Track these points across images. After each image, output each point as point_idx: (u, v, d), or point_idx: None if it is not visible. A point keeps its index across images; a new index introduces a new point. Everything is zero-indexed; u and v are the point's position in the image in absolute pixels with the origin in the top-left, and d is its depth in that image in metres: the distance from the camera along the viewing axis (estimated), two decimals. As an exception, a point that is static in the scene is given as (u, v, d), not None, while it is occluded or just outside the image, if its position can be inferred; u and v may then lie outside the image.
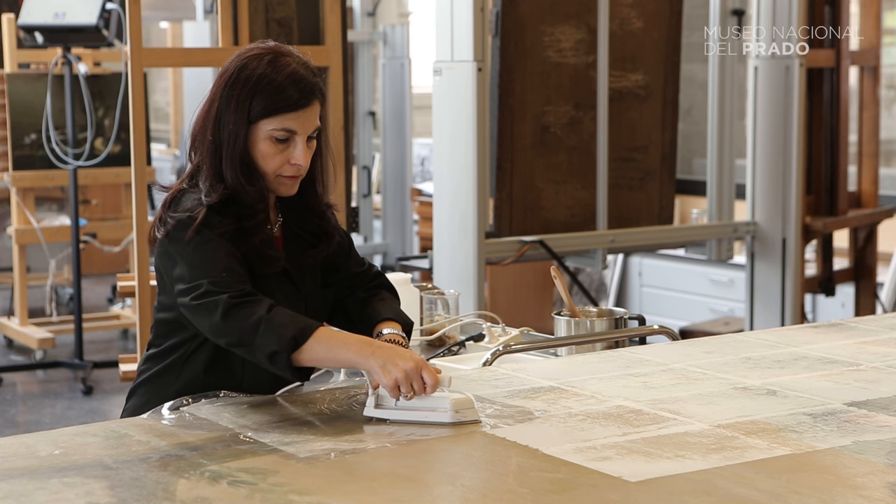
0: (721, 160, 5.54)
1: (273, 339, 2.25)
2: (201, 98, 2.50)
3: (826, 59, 5.76)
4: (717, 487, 1.87)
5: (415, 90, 8.05)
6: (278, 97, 2.39)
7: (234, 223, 2.41)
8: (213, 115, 2.44)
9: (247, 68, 2.41)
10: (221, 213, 2.41)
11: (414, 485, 1.92)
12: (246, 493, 1.85)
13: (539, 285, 7.08)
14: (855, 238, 6.16)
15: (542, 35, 4.97)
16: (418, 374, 2.23)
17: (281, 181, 2.46)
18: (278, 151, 2.42)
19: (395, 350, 2.27)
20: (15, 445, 2.12)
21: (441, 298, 3.33)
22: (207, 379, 2.47)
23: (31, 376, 6.99)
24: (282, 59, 2.42)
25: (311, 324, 2.28)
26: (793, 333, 3.05)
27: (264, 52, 2.43)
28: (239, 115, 2.41)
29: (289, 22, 4.58)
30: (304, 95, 2.41)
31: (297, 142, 2.42)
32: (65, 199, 7.81)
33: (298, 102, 2.40)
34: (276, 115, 2.40)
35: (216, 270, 2.34)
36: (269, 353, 2.26)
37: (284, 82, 2.39)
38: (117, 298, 8.16)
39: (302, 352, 2.26)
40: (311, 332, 2.26)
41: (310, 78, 2.43)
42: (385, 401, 2.26)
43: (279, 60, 2.42)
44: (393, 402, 2.24)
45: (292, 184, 2.47)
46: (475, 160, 4.69)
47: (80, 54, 6.77)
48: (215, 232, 2.38)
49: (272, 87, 2.39)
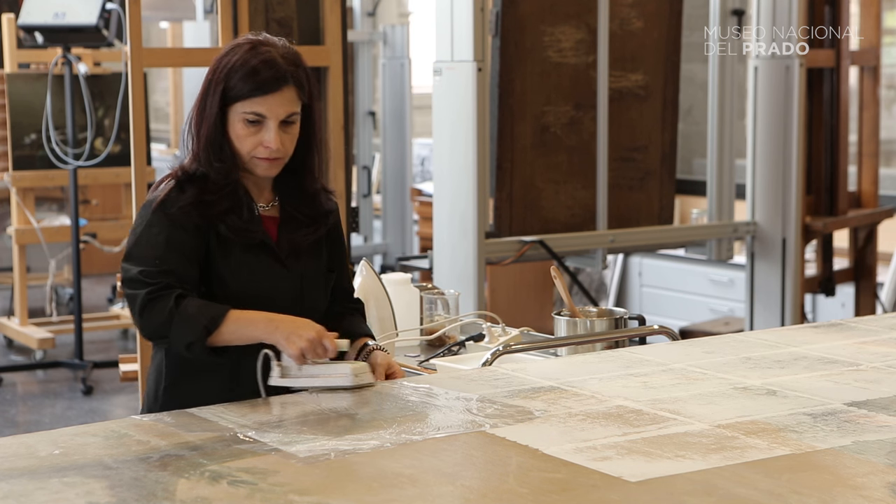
0: (721, 160, 5.54)
1: (187, 331, 2.43)
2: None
3: (826, 59, 5.76)
4: (717, 487, 1.87)
5: (415, 90, 8.05)
6: (248, 81, 2.51)
7: (197, 195, 2.52)
8: (198, 102, 2.57)
9: (227, 55, 2.55)
10: (184, 188, 2.54)
11: (414, 485, 1.92)
12: (246, 493, 1.85)
13: (539, 285, 7.08)
14: (855, 238, 6.16)
15: (542, 35, 4.97)
16: (320, 342, 2.42)
17: (256, 162, 2.56)
18: (251, 133, 2.53)
19: (297, 322, 2.45)
20: (15, 445, 2.12)
21: (441, 298, 3.33)
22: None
23: (31, 376, 6.99)
24: (261, 47, 2.54)
25: (220, 311, 2.45)
26: (793, 333, 3.05)
27: (246, 42, 2.56)
28: (213, 98, 2.53)
29: (289, 22, 4.58)
30: (274, 80, 2.51)
31: (268, 125, 2.52)
32: (65, 199, 7.82)
33: (265, 87, 2.51)
34: (247, 98, 2.51)
35: (149, 256, 2.48)
36: (186, 344, 2.45)
37: (257, 67, 2.51)
38: (117, 298, 8.16)
39: (215, 337, 2.44)
40: (221, 319, 2.44)
41: (283, 65, 2.52)
42: (289, 371, 2.45)
43: (258, 48, 2.53)
44: (296, 371, 2.44)
45: (268, 165, 2.56)
46: (475, 160, 4.69)
47: (80, 54, 6.77)
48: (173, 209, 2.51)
49: (244, 72, 2.51)
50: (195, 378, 2.56)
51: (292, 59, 2.54)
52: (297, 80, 2.54)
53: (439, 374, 2.89)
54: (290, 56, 2.54)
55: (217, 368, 2.52)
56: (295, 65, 2.54)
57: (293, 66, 2.54)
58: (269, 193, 2.64)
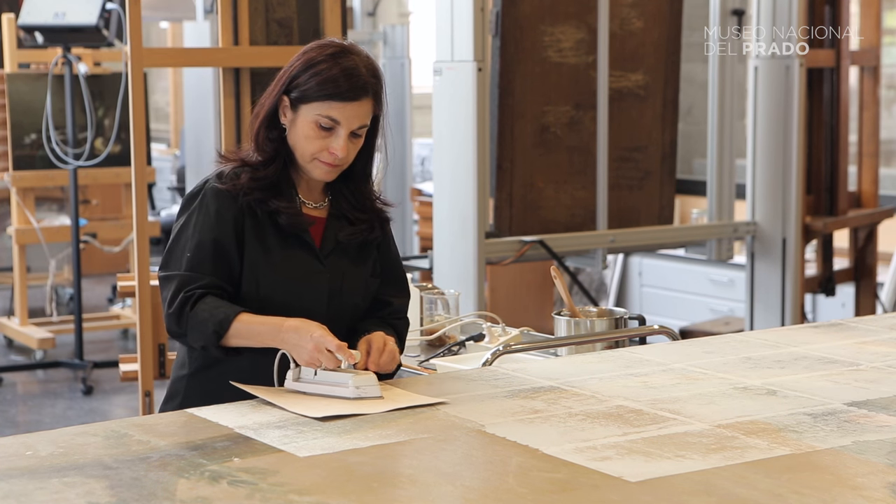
0: (721, 160, 5.54)
1: (199, 335, 2.48)
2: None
3: (826, 59, 5.76)
4: (717, 487, 1.87)
5: (415, 90, 8.05)
6: (330, 84, 2.50)
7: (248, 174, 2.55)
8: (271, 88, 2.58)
9: (310, 52, 2.55)
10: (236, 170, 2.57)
11: (414, 485, 1.92)
12: (246, 493, 1.85)
13: (539, 285, 7.08)
14: (855, 238, 6.16)
15: (542, 35, 4.97)
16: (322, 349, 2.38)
17: (317, 164, 2.56)
18: (320, 137, 2.53)
19: (300, 330, 2.42)
20: (15, 445, 2.12)
21: (441, 298, 3.33)
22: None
23: (31, 376, 6.99)
24: (346, 54, 2.54)
25: (228, 315, 2.46)
26: (793, 333, 3.05)
27: (332, 45, 2.56)
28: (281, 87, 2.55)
29: (289, 22, 4.58)
30: (355, 89, 2.51)
31: (339, 132, 2.52)
32: (65, 199, 7.81)
33: (346, 94, 2.50)
34: (324, 101, 2.50)
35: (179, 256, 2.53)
36: (200, 347, 2.51)
37: (339, 73, 2.51)
38: (117, 298, 8.16)
39: (225, 340, 2.48)
40: (229, 323, 2.46)
41: (365, 75, 2.53)
42: (304, 375, 2.43)
43: (344, 54, 2.54)
44: (311, 377, 2.41)
45: (328, 170, 2.56)
46: (475, 160, 4.69)
47: (80, 54, 6.77)
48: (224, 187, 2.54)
49: (325, 75, 2.51)
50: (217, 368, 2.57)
51: (373, 71, 2.55)
52: (376, 92, 2.55)
53: (439, 374, 2.89)
54: (371, 67, 2.55)
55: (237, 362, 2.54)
56: (375, 77, 2.55)
57: (374, 77, 2.55)
58: (318, 194, 2.64)
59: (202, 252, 2.52)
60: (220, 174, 2.58)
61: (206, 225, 2.53)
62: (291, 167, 2.60)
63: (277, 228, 2.57)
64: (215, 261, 2.53)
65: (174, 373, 2.68)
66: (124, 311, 7.76)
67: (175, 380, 2.67)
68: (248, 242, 2.55)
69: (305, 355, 2.40)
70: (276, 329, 2.44)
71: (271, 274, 2.55)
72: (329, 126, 2.51)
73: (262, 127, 2.58)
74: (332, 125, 2.51)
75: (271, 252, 2.56)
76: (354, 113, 2.51)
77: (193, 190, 2.60)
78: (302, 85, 2.52)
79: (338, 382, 2.38)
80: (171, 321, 2.51)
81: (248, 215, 2.55)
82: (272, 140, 2.57)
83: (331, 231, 2.62)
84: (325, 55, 2.53)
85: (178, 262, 2.53)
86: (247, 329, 2.46)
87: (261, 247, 2.55)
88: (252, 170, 2.57)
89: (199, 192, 2.58)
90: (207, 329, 2.46)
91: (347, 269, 2.62)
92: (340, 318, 2.60)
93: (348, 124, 2.51)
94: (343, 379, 2.39)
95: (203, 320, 2.46)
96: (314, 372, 2.41)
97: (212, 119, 7.06)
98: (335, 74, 2.50)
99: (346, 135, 2.52)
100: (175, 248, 2.56)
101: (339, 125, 2.51)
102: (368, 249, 2.66)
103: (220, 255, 2.53)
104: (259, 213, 2.56)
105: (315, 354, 2.39)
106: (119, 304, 8.06)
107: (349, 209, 2.64)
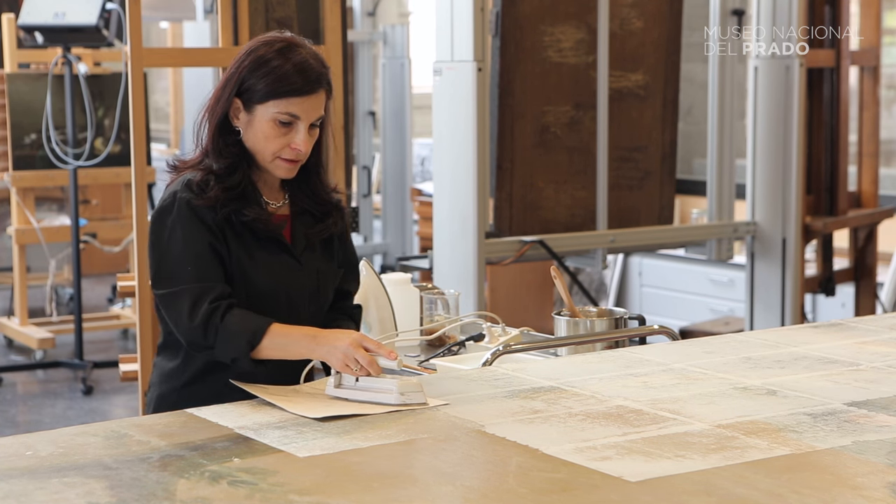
0: (721, 160, 5.54)
1: (230, 348, 2.45)
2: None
3: (826, 59, 5.76)
4: (717, 487, 1.87)
5: (415, 90, 8.05)
6: (285, 81, 2.49)
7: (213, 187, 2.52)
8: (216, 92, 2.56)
9: (257, 51, 2.53)
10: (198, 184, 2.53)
11: (414, 485, 1.92)
12: (246, 493, 1.85)
13: (539, 285, 7.08)
14: (855, 238, 6.16)
15: (542, 35, 4.97)
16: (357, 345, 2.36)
17: (279, 164, 2.55)
18: (280, 134, 2.52)
19: (332, 337, 2.41)
20: (15, 445, 2.12)
21: (441, 298, 3.33)
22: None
23: (31, 376, 6.99)
24: (294, 48, 2.52)
25: (260, 326, 2.44)
26: (793, 333, 3.05)
27: (277, 40, 2.54)
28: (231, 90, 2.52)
29: (289, 22, 4.58)
30: (310, 83, 2.50)
31: (299, 127, 2.52)
32: (65, 199, 7.81)
33: (303, 88, 2.50)
34: (282, 98, 2.49)
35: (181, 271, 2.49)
36: (231, 360, 2.47)
37: (292, 69, 2.49)
38: (117, 298, 8.16)
39: (258, 352, 2.45)
40: (262, 335, 2.44)
41: (317, 67, 2.52)
42: (345, 380, 2.38)
43: (290, 49, 2.52)
44: (352, 382, 2.36)
45: (291, 167, 2.56)
46: (475, 160, 4.69)
47: (80, 54, 6.77)
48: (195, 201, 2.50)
49: (280, 72, 2.49)
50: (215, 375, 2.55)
51: (321, 61, 2.55)
52: (328, 82, 2.55)
53: (439, 374, 2.89)
54: (318, 58, 2.55)
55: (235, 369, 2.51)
56: (325, 66, 2.55)
57: (324, 67, 2.55)
58: (278, 192, 2.63)
59: (203, 261, 2.50)
60: (187, 185, 2.53)
61: (195, 235, 2.50)
62: (250, 170, 2.58)
63: (255, 235, 2.56)
64: (217, 267, 2.52)
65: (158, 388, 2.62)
66: (124, 311, 7.75)
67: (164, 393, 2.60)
68: (232, 250, 2.54)
69: (339, 354, 2.36)
70: (310, 338, 2.43)
71: (259, 279, 2.55)
72: (288, 121, 2.51)
73: (216, 133, 2.55)
74: (291, 120, 2.51)
75: (255, 258, 2.55)
76: (312, 105, 2.51)
77: (164, 204, 2.54)
78: (254, 85, 2.50)
79: (382, 389, 2.32)
80: (196, 334, 2.47)
81: (226, 226, 2.54)
82: (230, 145, 2.55)
83: (298, 229, 2.63)
84: (273, 52, 2.51)
85: (180, 277, 2.49)
86: (281, 341, 2.43)
87: (245, 254, 2.55)
88: (219, 178, 2.53)
89: (171, 205, 2.53)
90: (240, 341, 2.43)
91: (321, 264, 2.64)
92: (318, 314, 2.63)
93: (307, 117, 2.51)
94: (388, 385, 2.33)
95: (235, 333, 2.44)
96: (356, 378, 2.36)
97: (212, 119, 7.05)
98: (288, 70, 2.49)
99: (306, 128, 2.52)
100: (166, 263, 2.51)
101: (298, 120, 2.51)
102: (332, 242, 2.68)
103: (219, 261, 2.52)
104: (235, 222, 2.55)
105: (349, 350, 2.35)
106: (119, 304, 8.06)
107: (310, 204, 2.64)
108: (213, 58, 4.72)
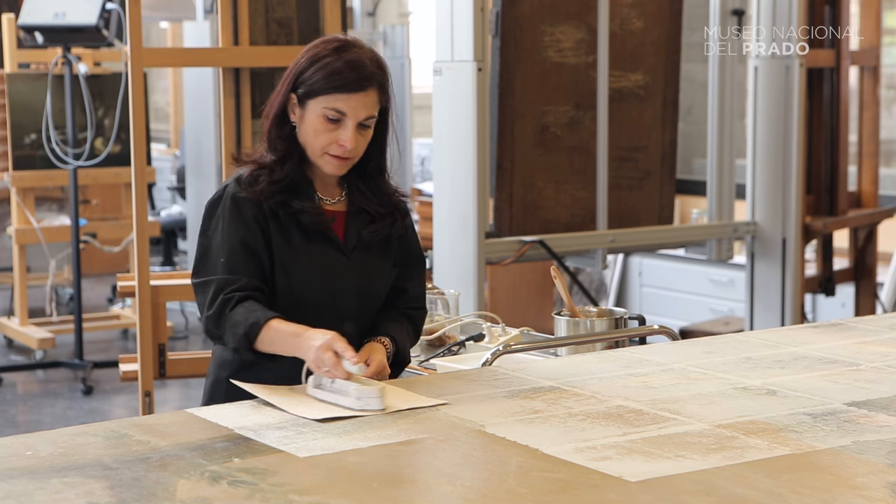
0: (721, 160, 5.54)
1: (232, 337, 2.52)
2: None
3: (826, 59, 5.76)
4: (717, 487, 1.87)
5: (415, 90, 8.05)
6: (334, 77, 2.54)
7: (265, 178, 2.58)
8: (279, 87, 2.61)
9: (315, 48, 2.59)
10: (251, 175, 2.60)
11: (414, 485, 1.92)
12: (246, 493, 1.85)
13: (539, 285, 7.08)
14: (855, 238, 6.16)
15: (542, 35, 4.97)
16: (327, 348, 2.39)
17: (327, 160, 2.58)
18: (328, 130, 2.56)
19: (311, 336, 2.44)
20: (15, 445, 2.12)
21: (441, 298, 3.33)
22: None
23: (31, 376, 6.99)
24: (349, 47, 2.57)
25: (259, 320, 2.49)
26: (793, 333, 3.05)
27: (335, 40, 2.60)
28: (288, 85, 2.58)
29: (289, 22, 4.57)
30: (359, 80, 2.54)
31: (347, 124, 2.55)
32: (65, 199, 7.81)
33: (352, 85, 2.54)
34: (330, 94, 2.53)
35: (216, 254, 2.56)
36: (233, 348, 2.57)
37: (343, 66, 2.54)
38: (117, 298, 8.16)
39: (257, 345, 2.51)
40: (259, 328, 2.49)
41: (370, 67, 2.56)
42: (324, 381, 2.40)
43: (346, 48, 2.57)
44: (329, 385, 2.39)
45: (339, 164, 2.59)
46: (475, 160, 4.69)
47: (80, 54, 6.77)
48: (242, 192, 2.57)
49: (330, 68, 2.54)
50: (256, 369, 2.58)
51: (378, 63, 2.58)
52: (381, 83, 2.58)
53: (439, 374, 2.89)
54: (376, 59, 2.58)
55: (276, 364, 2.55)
56: (380, 68, 2.58)
57: (379, 69, 2.58)
58: (335, 189, 2.66)
59: (235, 255, 2.55)
60: (238, 179, 2.61)
61: (233, 229, 2.56)
62: (306, 165, 2.63)
63: (301, 227, 2.60)
64: (249, 261, 2.56)
65: (214, 374, 2.69)
66: (124, 311, 7.75)
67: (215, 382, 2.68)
68: (275, 243, 2.58)
69: (312, 354, 2.40)
70: (295, 336, 2.47)
71: (301, 271, 2.58)
72: (336, 118, 2.54)
73: (272, 126, 2.61)
74: (339, 117, 2.54)
75: (298, 251, 2.58)
76: (360, 103, 2.54)
77: (213, 197, 2.63)
78: (308, 80, 2.55)
79: (345, 392, 2.36)
80: (211, 323, 2.54)
81: (272, 218, 2.58)
82: (283, 138, 2.60)
83: (353, 226, 2.65)
84: (329, 49, 2.56)
85: (213, 268, 2.56)
86: (273, 336, 2.49)
87: (287, 246, 2.58)
88: (269, 172, 2.59)
89: (219, 199, 2.61)
90: (239, 332, 2.49)
91: (372, 262, 2.66)
92: (367, 311, 2.65)
93: (355, 115, 2.54)
94: (350, 389, 2.36)
95: (236, 323, 2.50)
96: (332, 380, 2.39)
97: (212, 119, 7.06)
98: (339, 67, 2.53)
99: (354, 126, 2.55)
100: (206, 255, 2.59)
101: (346, 117, 2.54)
102: (389, 242, 2.69)
103: (251, 256, 2.56)
104: (282, 214, 2.59)
105: (319, 353, 2.39)
106: (119, 304, 8.06)
107: (368, 204, 2.66)
108: (213, 58, 4.72)
